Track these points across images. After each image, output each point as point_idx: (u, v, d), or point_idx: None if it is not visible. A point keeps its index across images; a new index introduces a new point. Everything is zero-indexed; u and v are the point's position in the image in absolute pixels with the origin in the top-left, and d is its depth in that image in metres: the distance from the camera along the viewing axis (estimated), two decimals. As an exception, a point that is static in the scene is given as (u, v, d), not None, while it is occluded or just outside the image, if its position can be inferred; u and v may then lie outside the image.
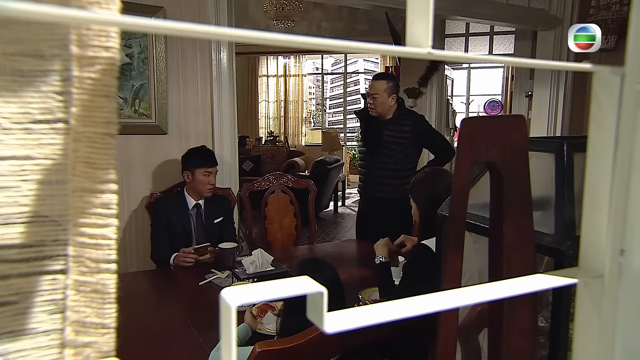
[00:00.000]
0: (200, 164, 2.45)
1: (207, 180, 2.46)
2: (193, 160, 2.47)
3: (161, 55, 2.76)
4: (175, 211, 2.47)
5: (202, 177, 2.45)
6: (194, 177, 2.45)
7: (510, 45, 5.74)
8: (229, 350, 0.32)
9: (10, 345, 0.40)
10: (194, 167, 2.44)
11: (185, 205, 2.50)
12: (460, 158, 0.58)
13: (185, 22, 0.31)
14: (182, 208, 2.49)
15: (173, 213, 2.47)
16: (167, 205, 2.50)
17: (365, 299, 1.90)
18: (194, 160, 2.47)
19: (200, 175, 2.44)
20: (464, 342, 0.95)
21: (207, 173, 2.45)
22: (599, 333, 0.50)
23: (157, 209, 2.52)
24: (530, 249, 0.62)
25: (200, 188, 2.47)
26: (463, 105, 7.97)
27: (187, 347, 1.56)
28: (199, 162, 2.45)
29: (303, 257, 2.79)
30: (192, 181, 2.46)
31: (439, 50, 0.40)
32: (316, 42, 0.35)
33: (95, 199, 0.40)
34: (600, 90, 0.49)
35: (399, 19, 5.59)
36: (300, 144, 8.96)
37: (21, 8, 0.26)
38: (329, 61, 9.29)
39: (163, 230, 2.45)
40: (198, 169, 2.44)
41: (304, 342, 1.11)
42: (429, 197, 1.71)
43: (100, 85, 0.39)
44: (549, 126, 4.03)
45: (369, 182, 2.97)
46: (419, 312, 0.39)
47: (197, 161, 2.46)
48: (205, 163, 2.46)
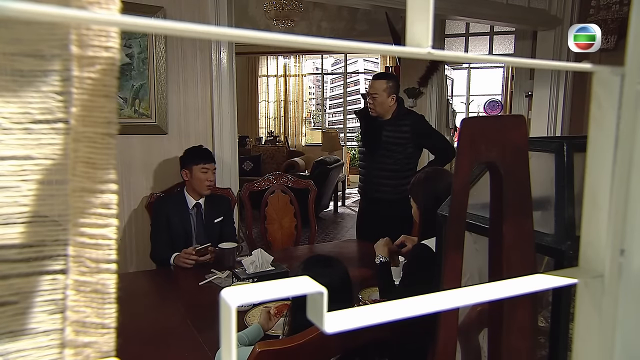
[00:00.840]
0: (197, 161, 2.47)
1: (205, 177, 2.47)
2: (190, 158, 2.49)
3: (161, 55, 2.76)
4: (175, 211, 2.48)
5: (200, 174, 2.46)
6: (192, 175, 2.46)
7: (510, 45, 5.74)
8: (229, 350, 0.32)
9: (10, 345, 0.40)
10: (191, 164, 2.46)
11: (185, 205, 2.50)
12: (460, 158, 0.58)
13: (185, 22, 0.31)
14: (182, 207, 2.49)
15: (173, 213, 2.47)
16: (167, 204, 2.51)
17: (365, 299, 1.90)
18: (191, 158, 2.49)
19: (198, 173, 2.46)
20: (464, 342, 0.95)
21: (205, 170, 2.46)
22: (599, 333, 0.50)
23: (157, 208, 2.52)
24: (530, 249, 0.62)
25: (199, 186, 2.48)
26: (463, 105, 7.97)
27: (187, 347, 1.56)
28: (196, 159, 2.48)
29: (303, 257, 2.79)
30: (191, 179, 2.47)
31: (439, 50, 0.40)
32: (316, 42, 0.35)
33: (95, 199, 0.40)
34: (600, 90, 0.49)
35: (399, 19, 5.59)
36: (300, 144, 8.96)
37: (21, 8, 0.26)
38: (329, 61, 9.29)
39: (163, 229, 2.45)
40: (195, 166, 2.45)
41: (304, 342, 1.11)
42: (429, 197, 1.71)
43: (100, 85, 0.39)
44: (549, 126, 4.03)
45: (369, 183, 2.97)
46: (419, 312, 0.39)
47: (194, 159, 2.48)
48: (202, 160, 2.47)
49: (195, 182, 2.47)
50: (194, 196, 2.51)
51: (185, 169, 2.48)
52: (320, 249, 2.88)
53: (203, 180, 2.47)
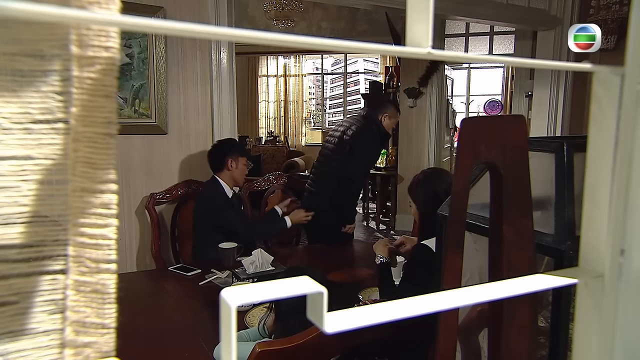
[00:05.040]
0: (244, 153, 2.57)
1: (245, 169, 2.57)
2: (240, 149, 2.58)
3: (161, 55, 2.76)
4: (228, 201, 2.54)
5: (243, 165, 2.55)
6: (237, 165, 2.52)
7: (510, 45, 5.74)
8: (229, 350, 0.32)
9: (10, 345, 0.40)
10: (238, 155, 2.52)
11: (226, 195, 2.56)
12: (460, 158, 0.58)
13: (185, 22, 0.31)
14: (227, 196, 2.56)
15: (229, 203, 2.54)
16: (222, 196, 2.53)
17: (365, 299, 1.90)
18: (239, 148, 2.58)
19: (242, 165, 2.54)
20: (464, 342, 0.95)
21: (246, 162, 2.57)
22: (599, 333, 0.50)
23: (219, 201, 2.50)
24: (530, 249, 0.62)
25: (240, 177, 2.55)
26: (463, 105, 7.97)
27: (187, 347, 1.56)
28: (242, 151, 2.57)
29: (303, 257, 2.79)
30: (235, 169, 2.52)
31: (439, 50, 0.40)
32: (316, 42, 0.35)
33: (95, 199, 0.40)
34: (600, 90, 0.49)
35: (399, 19, 5.59)
36: (300, 144, 8.95)
37: (21, 8, 0.26)
38: (329, 61, 9.28)
39: (233, 212, 2.52)
40: (241, 158, 2.53)
41: (303, 342, 1.11)
42: (428, 197, 1.71)
43: (100, 85, 0.39)
44: (549, 126, 4.03)
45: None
46: (419, 312, 0.39)
47: (242, 151, 2.58)
48: (247, 153, 2.60)
49: (239, 173, 2.53)
50: (230, 186, 2.56)
51: (233, 158, 2.51)
52: (320, 249, 2.88)
53: (244, 172, 2.55)
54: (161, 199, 2.74)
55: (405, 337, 1.42)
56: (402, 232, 5.31)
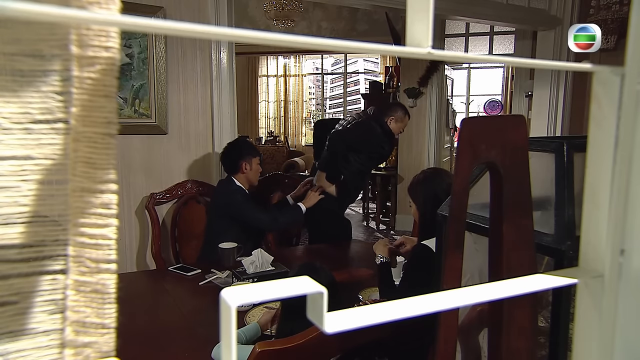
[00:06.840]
0: (254, 153, 2.57)
1: (259, 168, 2.57)
2: (250, 149, 2.58)
3: (161, 55, 2.76)
4: (247, 195, 2.55)
5: (257, 165, 2.56)
6: (251, 166, 2.53)
7: (510, 45, 5.74)
8: (229, 350, 0.32)
9: (10, 345, 0.40)
10: (250, 156, 2.53)
11: (244, 190, 2.57)
12: (460, 158, 0.58)
13: (185, 22, 0.31)
14: (246, 192, 2.57)
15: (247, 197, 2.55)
16: (240, 190, 2.54)
17: (365, 299, 1.90)
18: (250, 149, 2.59)
19: (255, 164, 2.55)
20: (464, 342, 0.95)
21: (259, 161, 2.57)
22: (599, 333, 0.50)
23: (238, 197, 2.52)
24: (530, 249, 0.62)
25: (254, 177, 2.56)
26: (463, 105, 7.96)
27: (187, 347, 1.56)
28: (253, 152, 2.57)
29: (303, 257, 2.79)
30: (250, 171, 2.54)
31: (439, 50, 0.40)
32: (316, 42, 0.35)
33: (95, 199, 0.40)
34: (600, 90, 0.49)
35: (399, 19, 5.59)
36: (300, 144, 8.95)
37: (21, 8, 0.26)
38: (329, 61, 9.28)
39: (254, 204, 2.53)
40: (254, 158, 2.54)
41: (304, 342, 1.11)
42: (428, 197, 1.71)
43: (100, 85, 0.39)
44: (549, 126, 4.03)
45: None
46: (419, 312, 0.39)
47: (253, 150, 2.58)
48: (257, 152, 2.59)
49: (253, 174, 2.55)
50: (246, 187, 2.57)
51: (246, 161, 2.52)
52: (320, 249, 2.88)
53: (258, 171, 2.57)
54: (161, 199, 2.74)
55: (405, 337, 1.42)
56: (402, 232, 5.31)
